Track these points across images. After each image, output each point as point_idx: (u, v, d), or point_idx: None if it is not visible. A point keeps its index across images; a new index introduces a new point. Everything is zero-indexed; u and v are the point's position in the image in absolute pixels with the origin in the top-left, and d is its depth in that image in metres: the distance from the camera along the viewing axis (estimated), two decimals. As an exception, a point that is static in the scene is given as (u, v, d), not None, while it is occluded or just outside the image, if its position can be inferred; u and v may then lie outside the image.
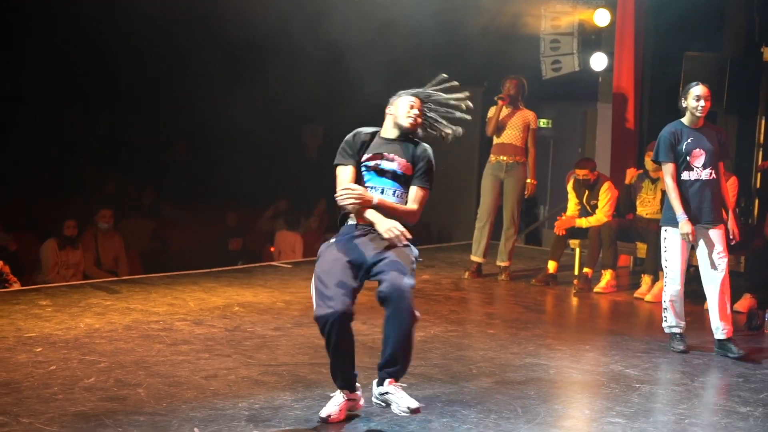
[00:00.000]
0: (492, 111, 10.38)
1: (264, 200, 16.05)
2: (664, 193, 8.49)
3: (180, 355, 6.82)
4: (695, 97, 7.43)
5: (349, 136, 5.76)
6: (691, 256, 7.93)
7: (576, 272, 10.45)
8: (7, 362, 6.47)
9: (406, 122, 5.70)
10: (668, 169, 7.50)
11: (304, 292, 9.33)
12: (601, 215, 10.23)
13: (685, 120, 7.57)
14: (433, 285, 10.11)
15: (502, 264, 10.56)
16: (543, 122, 15.92)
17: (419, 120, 5.77)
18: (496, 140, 10.37)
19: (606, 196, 10.30)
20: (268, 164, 16.66)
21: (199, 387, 6.12)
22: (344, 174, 5.70)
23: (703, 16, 11.60)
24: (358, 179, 5.64)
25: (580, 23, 11.99)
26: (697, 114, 7.46)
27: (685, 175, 7.49)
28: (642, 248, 10.17)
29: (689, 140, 7.45)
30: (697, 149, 7.44)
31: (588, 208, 10.42)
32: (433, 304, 9.16)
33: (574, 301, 9.86)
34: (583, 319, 9.48)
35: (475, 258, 10.45)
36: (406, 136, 5.76)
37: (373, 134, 5.80)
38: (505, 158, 10.32)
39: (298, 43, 12.85)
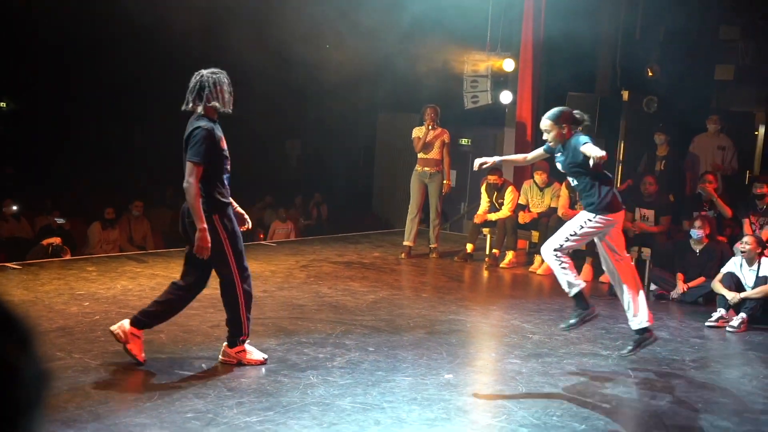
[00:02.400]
0: (418, 132, 10.40)
1: (255, 195, 16.02)
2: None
3: (192, 310, 6.74)
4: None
5: None
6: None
7: (487, 252, 10.51)
8: (63, 313, 6.42)
9: None
10: None
11: (284, 264, 9.34)
12: (506, 210, 10.31)
13: None
14: (382, 260, 10.13)
15: (432, 246, 10.61)
16: (464, 141, 15.98)
17: None
18: (421, 155, 10.40)
19: (510, 196, 10.37)
20: (259, 168, 16.58)
21: (206, 334, 6.10)
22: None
23: (581, 66, 11.76)
24: None
25: (492, 68, 12.04)
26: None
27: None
28: (535, 235, 10.27)
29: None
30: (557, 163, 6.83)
31: (496, 205, 10.49)
32: (382, 274, 9.19)
33: (485, 273, 9.93)
34: (491, 287, 9.56)
35: (407, 243, 10.47)
36: None
37: None
38: (428, 169, 10.36)
39: (275, 78, 12.77)
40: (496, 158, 6.16)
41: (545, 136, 5.82)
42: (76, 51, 14.49)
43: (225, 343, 5.39)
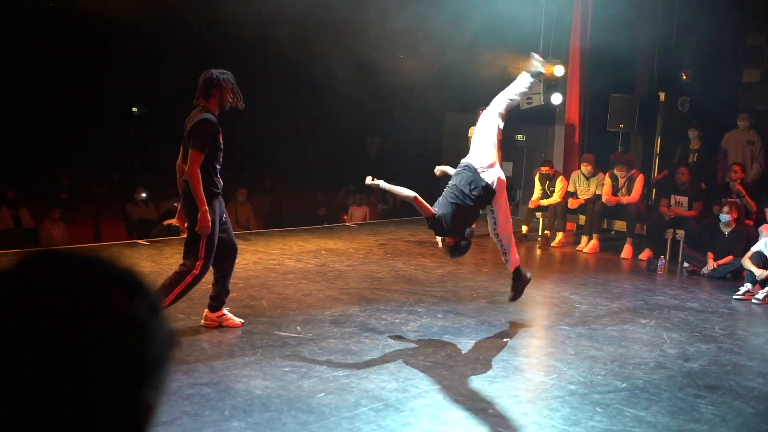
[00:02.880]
0: (473, 131, 10.24)
1: (340, 185, 16.17)
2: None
3: (288, 281, 6.89)
4: None
5: None
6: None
7: (540, 233, 10.36)
8: (182, 283, 6.57)
9: None
10: None
11: (365, 243, 9.37)
12: (557, 197, 10.12)
13: None
14: (448, 239, 10.07)
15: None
16: (520, 136, 15.70)
17: None
18: None
19: (560, 184, 10.18)
20: (342, 162, 16.65)
21: (300, 301, 6.18)
22: None
23: (622, 71, 11.44)
24: None
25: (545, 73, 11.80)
26: None
27: None
28: (582, 218, 10.07)
29: None
30: None
31: (548, 192, 10.31)
32: (447, 251, 9.13)
33: (538, 252, 9.78)
34: (543, 263, 9.41)
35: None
36: None
37: None
38: None
39: (358, 82, 12.79)
40: (381, 183, 5.44)
41: None
42: (191, 60, 14.78)
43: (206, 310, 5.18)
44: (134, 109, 18.53)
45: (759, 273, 7.33)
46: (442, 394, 4.22)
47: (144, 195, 12.04)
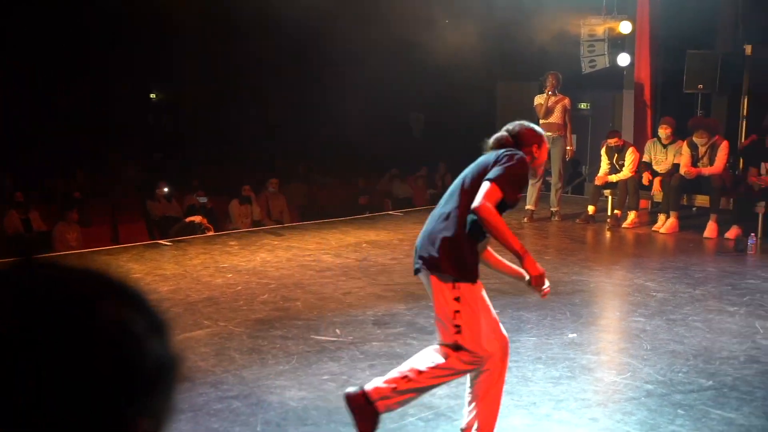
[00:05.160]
0: (540, 99, 10.18)
1: (382, 169, 16.18)
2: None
3: (325, 279, 6.92)
4: None
5: None
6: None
7: (609, 213, 10.19)
8: (209, 284, 6.66)
9: None
10: None
11: (413, 232, 9.33)
12: (627, 171, 9.93)
13: None
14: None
15: (553, 209, 10.38)
16: (583, 105, 15.48)
17: None
18: (543, 121, 10.16)
19: (631, 157, 9.99)
20: (384, 144, 16.66)
21: (339, 300, 6.20)
22: None
23: (700, 22, 11.14)
24: None
25: (609, 31, 11.58)
26: None
27: None
28: (658, 194, 9.88)
29: None
30: None
31: (617, 166, 10.14)
32: (504, 238, 9.05)
33: (608, 234, 9.63)
34: (614, 247, 9.27)
35: (529, 207, 10.26)
36: None
37: None
38: (551, 134, 10.08)
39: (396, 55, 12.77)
40: None
41: None
42: (212, 41, 14.96)
43: None
44: (152, 96, 18.83)
45: None
46: (499, 399, 4.19)
47: (166, 190, 12.23)
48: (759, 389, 4.36)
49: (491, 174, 3.33)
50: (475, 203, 3.27)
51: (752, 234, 8.38)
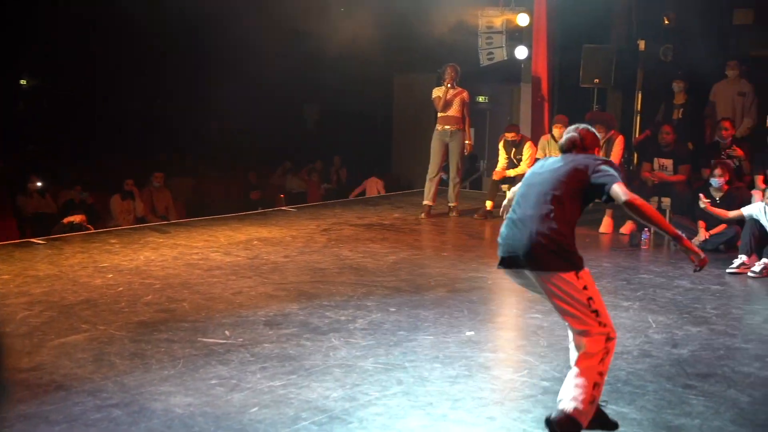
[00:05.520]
0: (438, 91, 10.31)
1: (275, 163, 16.07)
2: None
3: (214, 278, 6.82)
4: None
5: None
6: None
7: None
8: (87, 285, 6.46)
9: None
10: None
11: (305, 229, 9.32)
12: (525, 166, 10.21)
13: None
14: (402, 221, 10.09)
15: (451, 204, 10.56)
16: (481, 98, 15.83)
17: None
18: (441, 114, 10.31)
19: (528, 151, 10.28)
20: (277, 136, 16.54)
21: (229, 301, 6.12)
22: None
23: (596, 17, 11.56)
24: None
25: (507, 23, 11.85)
26: None
27: None
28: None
29: None
30: None
31: (514, 161, 10.41)
32: (402, 235, 9.16)
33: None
34: (512, 243, 9.49)
35: (426, 202, 10.40)
36: None
37: None
38: (449, 127, 10.26)
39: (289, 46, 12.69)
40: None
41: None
42: (94, 26, 14.47)
43: None
44: (23, 82, 18.06)
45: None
46: (395, 400, 4.23)
47: (39, 184, 11.77)
48: (651, 383, 4.56)
49: (610, 175, 3.82)
50: (626, 198, 3.76)
51: (645, 229, 8.75)
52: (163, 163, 14.07)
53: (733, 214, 7.96)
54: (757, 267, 7.38)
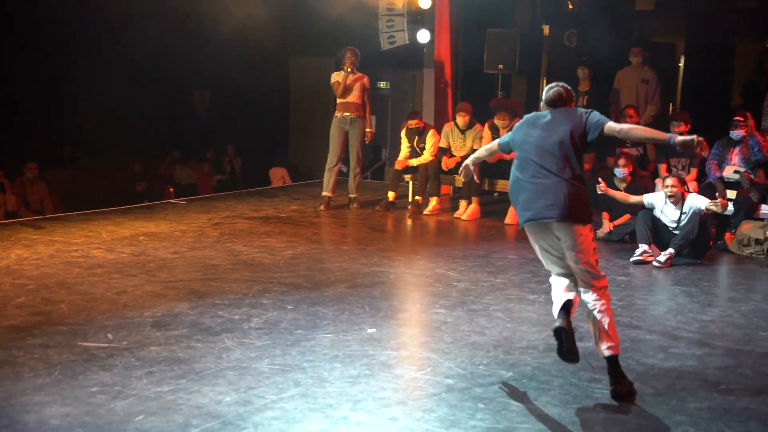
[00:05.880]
0: (337, 76, 10.29)
1: (162, 152, 15.76)
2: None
3: (95, 277, 6.63)
4: None
5: None
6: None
7: (410, 200, 10.54)
8: (-49, 288, 6.18)
9: None
10: None
11: (195, 223, 9.18)
12: (428, 155, 10.33)
13: None
14: (300, 214, 10.06)
15: (352, 195, 10.58)
16: (382, 84, 15.91)
17: None
18: (341, 100, 10.30)
19: (431, 140, 10.39)
20: (165, 124, 16.17)
21: (112, 301, 5.96)
22: None
23: (500, 1, 11.75)
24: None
25: (408, 5, 11.91)
26: None
27: None
28: (459, 180, 10.34)
29: None
30: None
31: (417, 150, 10.50)
32: (300, 228, 9.12)
33: (409, 222, 9.95)
34: (415, 235, 9.60)
35: (326, 193, 10.39)
36: None
37: None
38: (348, 114, 10.27)
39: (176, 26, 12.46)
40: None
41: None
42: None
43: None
44: None
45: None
46: (293, 403, 4.21)
47: None
48: (557, 378, 4.69)
49: (600, 117, 4.52)
50: (620, 128, 4.52)
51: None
52: (38, 153, 13.58)
53: (634, 199, 8.27)
54: (663, 257, 7.68)
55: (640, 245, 7.92)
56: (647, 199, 8.16)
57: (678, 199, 7.93)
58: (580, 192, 4.43)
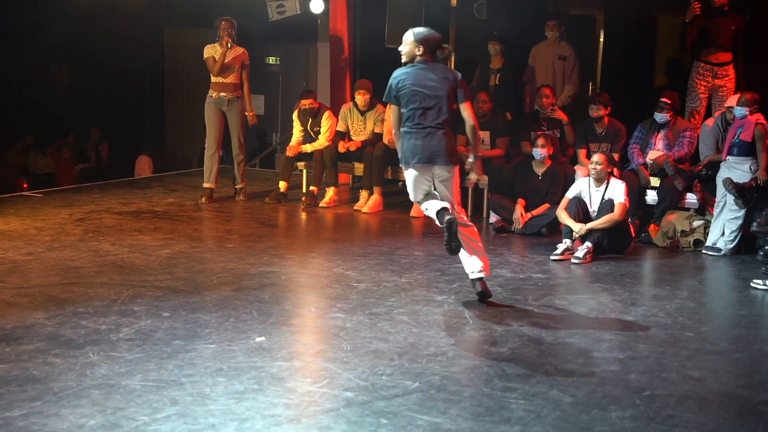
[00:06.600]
0: (212, 51, 10.12)
1: (14, 137, 15.30)
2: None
3: (-66, 283, 6.39)
4: None
5: None
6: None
7: (304, 190, 10.52)
8: None
9: None
10: None
11: (54, 219, 8.96)
12: (323, 140, 10.31)
13: None
14: (178, 207, 9.92)
15: (238, 186, 10.49)
16: (272, 59, 15.82)
17: None
18: (216, 79, 10.16)
19: (327, 123, 10.37)
20: (16, 105, 15.69)
21: (-46, 311, 5.76)
22: None
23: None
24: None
25: (299, -29, 11.87)
26: None
27: None
28: (359, 167, 10.37)
29: None
30: None
31: (311, 134, 10.47)
32: (178, 224, 8.99)
33: (303, 215, 9.94)
34: (310, 230, 9.58)
35: (207, 184, 10.27)
36: None
37: None
38: (225, 95, 10.16)
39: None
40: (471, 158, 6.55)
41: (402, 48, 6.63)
42: None
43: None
44: None
45: (578, 229, 8.01)
46: (169, 424, 4.14)
47: None
48: (467, 387, 4.74)
49: (466, 95, 6.28)
50: (472, 122, 6.32)
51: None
52: None
53: (562, 205, 8.30)
54: (581, 252, 7.86)
55: (564, 241, 8.04)
56: (572, 194, 8.27)
57: (602, 180, 8.10)
58: (453, 136, 6.27)
